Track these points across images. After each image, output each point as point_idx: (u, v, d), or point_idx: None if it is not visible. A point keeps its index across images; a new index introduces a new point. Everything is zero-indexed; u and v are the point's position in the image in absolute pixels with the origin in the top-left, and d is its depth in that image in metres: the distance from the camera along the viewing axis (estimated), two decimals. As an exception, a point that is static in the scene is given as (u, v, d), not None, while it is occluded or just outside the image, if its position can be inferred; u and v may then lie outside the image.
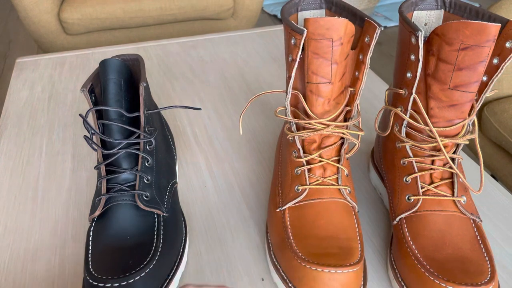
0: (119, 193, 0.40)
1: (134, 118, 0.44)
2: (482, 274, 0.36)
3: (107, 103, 0.41)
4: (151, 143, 0.44)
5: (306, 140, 0.43)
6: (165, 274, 0.38)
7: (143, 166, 0.42)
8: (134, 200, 0.41)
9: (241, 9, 1.73)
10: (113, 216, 0.40)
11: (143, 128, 0.43)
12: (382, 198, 0.51)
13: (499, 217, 0.49)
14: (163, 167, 0.46)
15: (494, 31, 0.34)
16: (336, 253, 0.37)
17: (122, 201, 0.40)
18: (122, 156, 0.42)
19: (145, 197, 0.41)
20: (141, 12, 1.60)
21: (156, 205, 0.41)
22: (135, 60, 0.46)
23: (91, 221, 0.41)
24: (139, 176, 0.41)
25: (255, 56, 0.82)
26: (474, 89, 0.38)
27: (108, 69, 0.42)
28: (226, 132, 0.62)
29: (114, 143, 0.41)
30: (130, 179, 0.42)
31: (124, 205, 0.40)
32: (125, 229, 0.39)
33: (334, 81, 0.39)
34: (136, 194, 0.41)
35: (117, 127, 0.41)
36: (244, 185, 0.53)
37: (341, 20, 0.36)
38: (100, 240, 0.39)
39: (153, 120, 0.48)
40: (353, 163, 0.57)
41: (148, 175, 0.42)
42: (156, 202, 0.42)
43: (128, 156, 0.42)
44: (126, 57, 0.47)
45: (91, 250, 0.38)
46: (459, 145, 0.41)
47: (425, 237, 0.39)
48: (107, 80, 0.41)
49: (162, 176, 0.45)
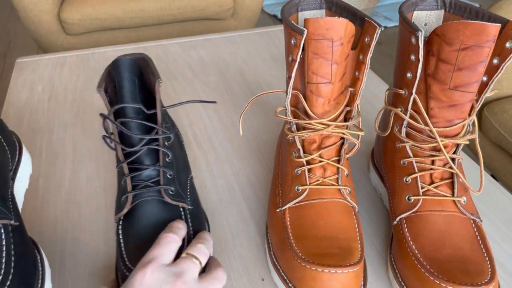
0: (145, 189, 0.41)
1: (150, 115, 0.44)
2: (482, 274, 0.36)
3: (124, 101, 0.42)
4: (170, 139, 0.45)
5: (306, 140, 0.43)
6: None
7: (164, 162, 0.43)
8: (160, 196, 0.42)
9: (241, 9, 1.73)
10: (141, 212, 0.41)
11: (161, 124, 0.43)
12: (382, 198, 0.51)
13: (499, 217, 0.49)
14: (180, 161, 0.47)
15: (494, 31, 0.34)
16: (336, 253, 0.37)
17: (148, 197, 0.41)
18: (144, 153, 0.42)
19: (170, 192, 0.42)
20: (141, 12, 1.60)
21: (181, 199, 0.43)
22: (142, 59, 0.46)
23: (117, 220, 0.42)
24: (162, 171, 0.42)
25: (255, 56, 0.82)
26: (474, 89, 0.38)
27: (121, 67, 0.42)
28: (226, 132, 0.62)
29: (135, 140, 0.42)
30: (153, 175, 0.42)
31: (151, 201, 0.42)
32: (154, 224, 0.41)
33: (334, 81, 0.39)
34: (162, 189, 0.42)
35: (136, 124, 0.42)
36: (244, 185, 0.53)
37: (341, 20, 0.36)
38: (131, 236, 0.40)
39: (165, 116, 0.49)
40: (353, 163, 0.57)
41: (170, 170, 0.43)
42: (180, 196, 0.43)
43: (150, 153, 0.43)
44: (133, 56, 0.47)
45: (124, 246, 0.39)
46: (459, 145, 0.41)
47: (425, 237, 0.39)
48: (122, 79, 0.42)
49: (181, 170, 0.46)
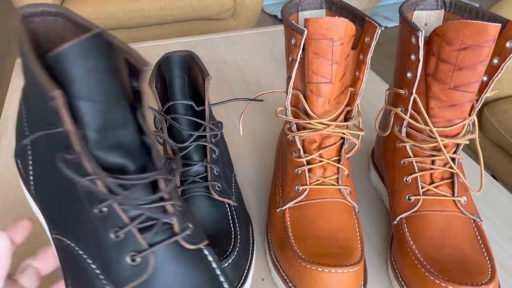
0: (193, 185, 0.42)
1: (197, 111, 0.45)
2: (482, 274, 0.36)
3: (175, 98, 0.43)
4: (217, 136, 0.45)
5: (306, 140, 0.43)
6: (246, 259, 0.40)
7: (211, 158, 0.43)
8: (207, 192, 0.42)
9: (241, 9, 1.73)
10: (189, 207, 0.41)
11: (208, 121, 0.44)
12: (382, 198, 0.51)
13: (499, 217, 0.49)
14: (225, 158, 0.47)
15: (494, 31, 0.34)
16: (336, 253, 0.37)
17: (196, 193, 0.42)
18: (193, 149, 0.43)
19: (217, 188, 0.42)
20: (141, 12, 1.60)
21: (227, 195, 0.43)
22: (190, 56, 0.46)
23: None
24: (210, 167, 0.43)
25: (255, 56, 0.82)
26: (474, 89, 0.38)
27: (172, 64, 0.43)
28: (226, 132, 0.62)
29: (185, 136, 0.42)
30: (200, 171, 0.43)
31: (198, 196, 0.42)
32: (201, 219, 0.41)
33: (334, 81, 0.39)
34: (210, 185, 0.42)
35: (186, 121, 0.43)
36: (244, 185, 0.53)
37: (342, 20, 0.36)
38: None
39: None
40: (354, 163, 0.57)
41: (216, 167, 0.43)
42: (226, 192, 0.43)
43: (198, 149, 0.43)
44: (182, 53, 0.48)
45: None
46: (459, 145, 0.41)
47: (425, 237, 0.39)
48: (173, 76, 0.43)
49: (226, 167, 0.46)
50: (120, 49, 0.26)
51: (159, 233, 0.28)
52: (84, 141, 0.25)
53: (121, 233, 0.26)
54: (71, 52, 0.23)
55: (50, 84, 0.23)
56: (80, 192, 0.27)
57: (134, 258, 0.27)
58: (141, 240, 0.27)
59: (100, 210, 0.26)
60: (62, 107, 0.23)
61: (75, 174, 0.25)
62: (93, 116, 0.25)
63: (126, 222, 0.27)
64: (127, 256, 0.27)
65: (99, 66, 0.24)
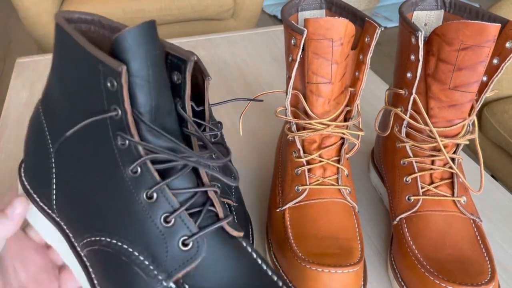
0: None
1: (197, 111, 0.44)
2: (482, 274, 0.36)
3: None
4: (217, 136, 0.45)
5: (306, 140, 0.43)
6: None
7: None
8: None
9: (241, 10, 1.73)
10: None
11: (208, 121, 0.44)
12: (382, 198, 0.51)
13: (499, 217, 0.49)
14: None
15: (494, 31, 0.34)
16: (336, 253, 0.37)
17: None
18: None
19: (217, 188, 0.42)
20: (141, 12, 1.60)
21: (227, 195, 0.43)
22: None
23: None
24: None
25: (255, 56, 0.82)
26: (474, 89, 0.38)
27: None
28: (226, 132, 0.62)
29: None
30: None
31: None
32: None
33: (334, 81, 0.39)
34: None
35: None
36: (244, 185, 0.53)
37: (341, 20, 0.36)
38: None
39: None
40: (353, 163, 0.57)
41: (216, 167, 0.43)
42: (226, 192, 0.43)
43: None
44: None
45: None
46: (459, 145, 0.41)
47: (425, 237, 0.39)
48: None
49: (226, 168, 0.46)
50: (163, 44, 0.27)
51: (206, 219, 0.28)
52: (140, 118, 0.26)
53: (172, 217, 0.26)
54: (134, 34, 0.24)
55: (115, 61, 0.24)
56: (128, 180, 0.26)
57: (186, 242, 0.26)
58: (192, 223, 0.27)
59: (150, 196, 0.26)
60: (125, 82, 0.24)
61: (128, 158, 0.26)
62: (149, 97, 0.26)
63: (176, 206, 0.26)
64: (178, 241, 0.26)
65: (156, 49, 0.25)
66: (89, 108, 0.27)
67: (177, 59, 0.27)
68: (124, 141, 0.26)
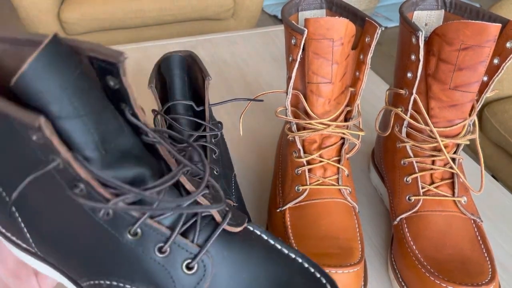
0: None
1: (197, 111, 0.45)
2: (482, 274, 0.36)
3: (175, 98, 0.43)
4: (217, 136, 0.45)
5: (306, 140, 0.43)
6: None
7: (211, 158, 0.43)
8: None
9: (241, 10, 1.73)
10: None
11: (208, 121, 0.44)
12: (383, 198, 0.51)
13: (500, 217, 0.49)
14: (225, 158, 0.47)
15: (494, 31, 0.34)
16: (336, 253, 0.37)
17: None
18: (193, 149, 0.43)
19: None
20: (141, 13, 1.60)
21: (227, 195, 0.43)
22: (189, 56, 0.46)
23: None
24: (210, 168, 0.42)
25: (255, 56, 0.82)
26: (475, 89, 0.38)
27: (172, 64, 0.43)
28: (226, 132, 0.62)
29: (185, 136, 0.42)
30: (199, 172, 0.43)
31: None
32: None
33: (334, 81, 0.39)
34: None
35: (186, 121, 0.43)
36: (244, 185, 0.53)
37: (342, 20, 0.36)
38: None
39: None
40: (354, 163, 0.57)
41: (216, 167, 0.43)
42: (226, 192, 0.43)
43: None
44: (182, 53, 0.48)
45: None
46: (460, 145, 0.41)
47: (426, 237, 0.39)
48: (173, 76, 0.43)
49: (226, 167, 0.46)
50: (82, 50, 0.22)
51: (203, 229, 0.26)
52: (87, 166, 0.22)
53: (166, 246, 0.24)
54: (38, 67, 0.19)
55: (29, 114, 0.19)
56: (104, 224, 0.24)
57: (191, 266, 0.24)
58: (190, 244, 0.25)
59: (135, 232, 0.24)
60: (51, 134, 0.20)
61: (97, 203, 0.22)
62: (87, 134, 0.22)
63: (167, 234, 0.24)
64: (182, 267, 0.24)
65: (74, 70, 0.21)
66: (27, 164, 0.23)
67: (105, 63, 0.22)
68: (80, 188, 0.22)
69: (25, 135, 0.21)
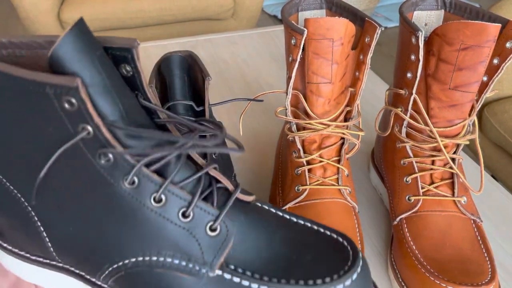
0: None
1: (197, 112, 0.45)
2: (482, 275, 0.36)
3: (175, 98, 0.43)
4: None
5: (306, 140, 0.43)
6: None
7: (211, 158, 0.43)
8: None
9: (241, 10, 1.73)
10: None
11: None
12: (382, 198, 0.51)
13: (500, 217, 0.49)
14: (225, 158, 0.47)
15: (494, 31, 0.34)
16: (336, 253, 0.37)
17: None
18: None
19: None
20: (141, 13, 1.60)
21: None
22: (189, 56, 0.46)
23: None
24: None
25: (255, 56, 0.82)
26: (475, 89, 0.38)
27: (172, 64, 0.43)
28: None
29: None
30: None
31: None
32: None
33: (334, 81, 0.39)
34: None
35: None
36: (244, 185, 0.53)
37: (342, 20, 0.36)
38: None
39: None
40: (353, 163, 0.57)
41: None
42: None
43: None
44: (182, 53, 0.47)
45: None
46: (460, 145, 0.41)
47: (426, 237, 0.39)
48: (173, 76, 0.43)
49: (226, 167, 0.46)
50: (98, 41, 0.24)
51: (219, 197, 0.27)
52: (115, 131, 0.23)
53: (190, 211, 0.25)
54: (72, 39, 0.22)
55: (64, 77, 0.21)
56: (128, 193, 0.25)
57: (214, 227, 0.25)
58: (211, 207, 0.26)
59: (159, 199, 0.25)
60: (86, 96, 0.22)
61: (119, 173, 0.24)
62: (114, 103, 0.23)
63: (189, 199, 0.25)
64: (206, 229, 0.25)
65: (98, 49, 0.23)
66: (52, 140, 0.24)
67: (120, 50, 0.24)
68: (107, 157, 0.24)
69: (57, 105, 0.22)
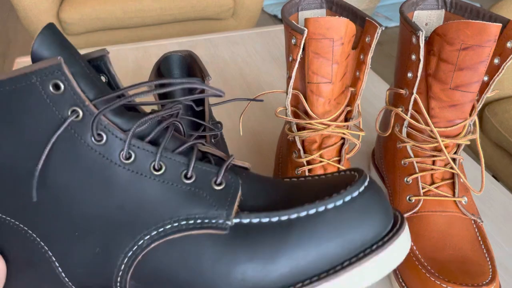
0: None
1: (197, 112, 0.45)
2: (483, 275, 0.36)
3: (174, 98, 0.43)
4: (216, 136, 0.45)
5: (306, 140, 0.43)
6: None
7: None
8: None
9: (241, 9, 1.73)
10: None
11: (208, 121, 0.44)
12: (383, 198, 0.50)
13: (500, 217, 0.49)
14: None
15: (495, 31, 0.34)
16: (336, 254, 0.37)
17: None
18: None
19: None
20: (141, 12, 1.60)
21: None
22: (189, 55, 0.46)
23: None
24: None
25: (255, 56, 0.82)
26: (475, 89, 0.38)
27: (172, 64, 0.44)
28: (226, 132, 0.62)
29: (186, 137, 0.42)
30: None
31: None
32: None
33: (334, 81, 0.39)
34: None
35: (185, 121, 0.43)
36: (244, 186, 0.53)
37: (342, 19, 0.36)
38: None
39: None
40: (354, 163, 0.57)
41: None
42: None
43: None
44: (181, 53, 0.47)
45: None
46: (460, 146, 0.41)
47: (426, 237, 0.39)
48: (172, 75, 0.44)
49: None
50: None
51: (217, 162, 0.29)
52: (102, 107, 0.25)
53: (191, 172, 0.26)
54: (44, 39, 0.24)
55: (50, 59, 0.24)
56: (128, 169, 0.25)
57: (219, 182, 0.26)
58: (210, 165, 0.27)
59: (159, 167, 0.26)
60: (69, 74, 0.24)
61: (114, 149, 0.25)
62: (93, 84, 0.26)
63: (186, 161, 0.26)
64: (212, 185, 0.26)
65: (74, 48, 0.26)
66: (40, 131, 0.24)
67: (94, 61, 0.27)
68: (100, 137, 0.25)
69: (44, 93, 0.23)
